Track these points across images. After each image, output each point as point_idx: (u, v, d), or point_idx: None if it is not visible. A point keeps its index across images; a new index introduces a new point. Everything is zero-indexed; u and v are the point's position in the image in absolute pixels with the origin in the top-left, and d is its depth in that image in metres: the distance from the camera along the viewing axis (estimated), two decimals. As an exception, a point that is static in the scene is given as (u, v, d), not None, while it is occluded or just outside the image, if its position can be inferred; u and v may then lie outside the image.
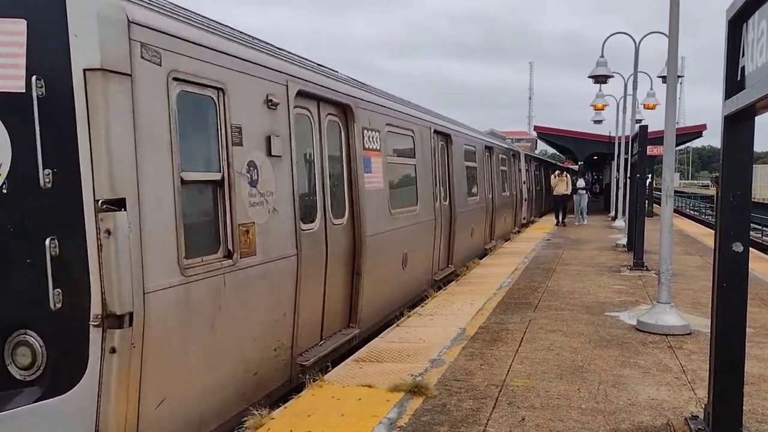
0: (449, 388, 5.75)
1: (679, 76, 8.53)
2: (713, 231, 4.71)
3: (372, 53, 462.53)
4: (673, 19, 8.02)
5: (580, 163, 32.62)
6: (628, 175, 20.24)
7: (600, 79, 20.23)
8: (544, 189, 31.97)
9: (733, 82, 4.07)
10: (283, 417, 5.08)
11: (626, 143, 22.76)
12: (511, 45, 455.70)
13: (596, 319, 8.49)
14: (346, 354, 7.15)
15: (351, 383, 5.88)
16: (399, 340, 7.49)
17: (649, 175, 22.58)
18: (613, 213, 27.58)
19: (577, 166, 29.85)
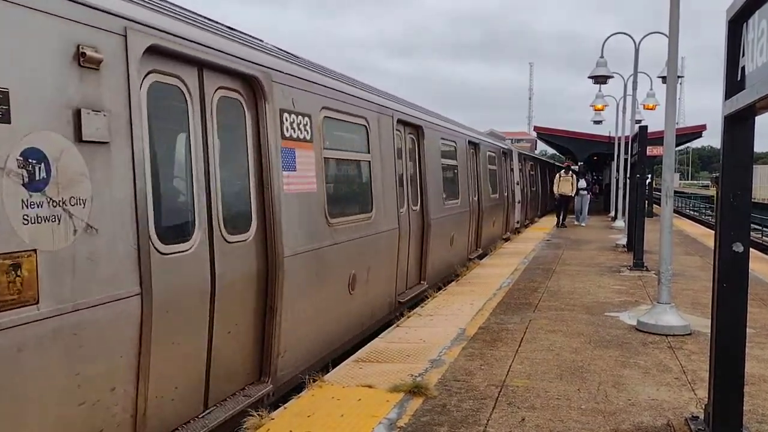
0: (449, 388, 5.75)
1: (678, 77, 8.52)
2: (713, 231, 4.71)
3: (371, 53, 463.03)
4: (673, 20, 8.01)
5: (580, 163, 32.61)
6: (628, 175, 20.23)
7: (600, 79, 20.25)
8: (540, 190, 30.54)
9: (733, 82, 4.06)
10: (283, 417, 5.08)
11: (626, 143, 22.76)
12: (510, 45, 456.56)
13: (596, 320, 8.48)
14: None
15: (351, 383, 5.87)
16: (399, 340, 7.49)
17: (649, 176, 22.60)
18: (612, 213, 27.58)
19: (577, 167, 29.75)
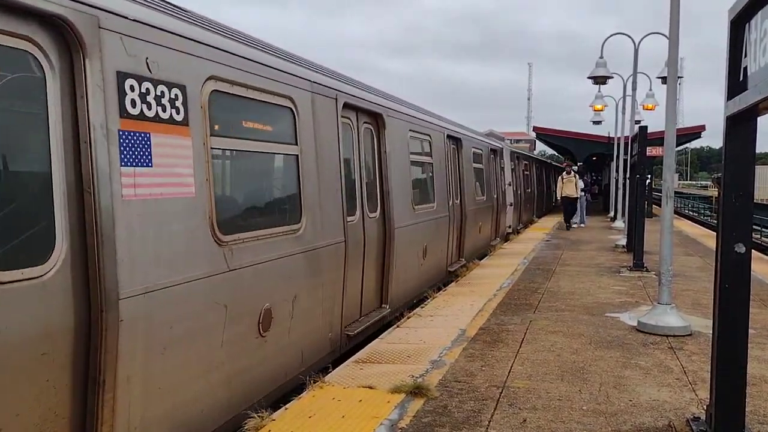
0: (450, 389, 5.74)
1: (678, 77, 8.52)
2: (713, 232, 4.72)
3: (370, 53, 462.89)
4: (674, 21, 8.02)
5: (579, 164, 32.62)
6: (628, 175, 20.23)
7: (599, 80, 20.25)
8: (536, 192, 29.31)
9: (735, 83, 4.06)
10: (284, 418, 5.07)
11: (625, 144, 22.77)
12: (509, 45, 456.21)
13: (597, 320, 8.48)
14: None
15: (352, 384, 5.87)
16: (399, 341, 7.48)
17: (649, 176, 22.61)
18: (612, 214, 27.59)
19: (575, 167, 29.70)
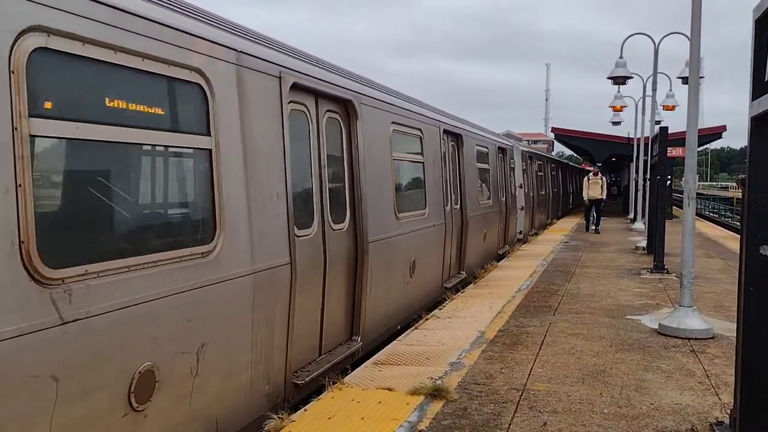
0: (470, 391, 5.72)
1: (699, 77, 8.43)
2: (734, 234, 4.65)
3: (378, 54, 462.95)
4: (695, 21, 7.94)
5: (598, 164, 32.39)
6: (648, 176, 20.05)
7: (619, 80, 20.10)
8: (551, 194, 27.63)
9: (761, 83, 4.01)
10: (303, 419, 5.08)
11: (645, 144, 22.56)
12: (518, 44, 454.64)
13: (617, 323, 8.41)
14: None
15: (371, 386, 5.86)
16: (418, 342, 7.46)
17: (669, 177, 22.35)
18: (631, 215, 27.38)
19: (592, 168, 29.40)
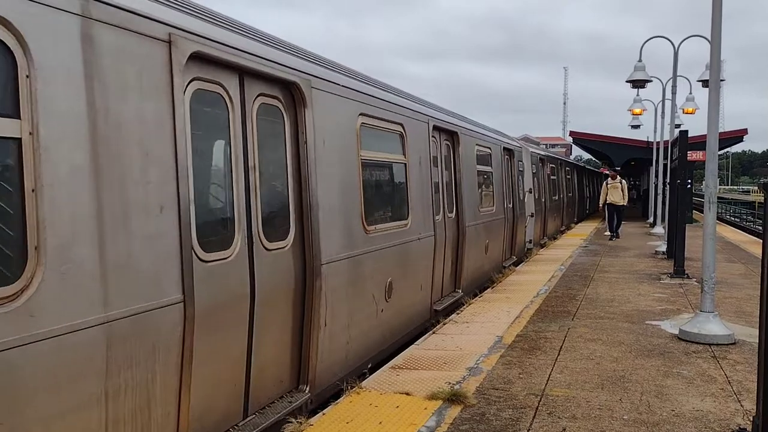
0: (488, 396, 5.70)
1: (720, 80, 8.34)
2: (756, 238, 4.60)
3: (395, 58, 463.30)
4: (716, 23, 7.86)
5: (617, 168, 32.17)
6: (667, 180, 19.88)
7: (638, 83, 20.00)
8: (565, 199, 26.16)
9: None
10: (322, 423, 5.08)
11: (665, 148, 22.38)
12: (535, 47, 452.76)
13: (637, 328, 8.33)
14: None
15: (388, 390, 5.86)
16: (435, 347, 7.45)
17: (689, 181, 22.13)
18: (651, 219, 27.16)
19: (610, 172, 29.09)
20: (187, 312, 4.08)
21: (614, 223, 21.36)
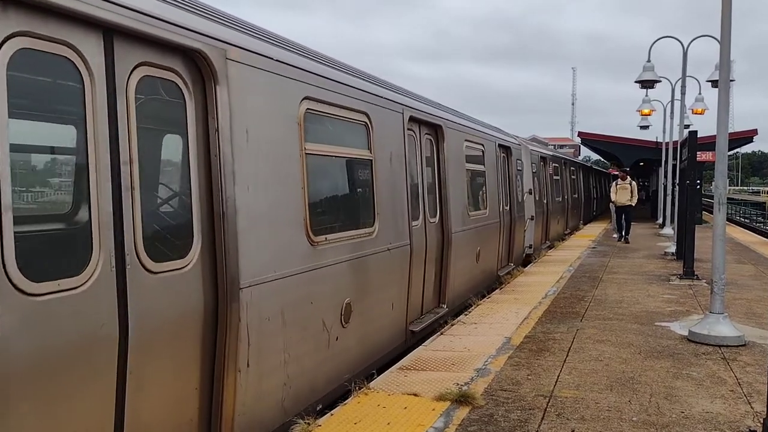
0: (496, 398, 5.69)
1: (729, 80, 8.31)
2: (766, 239, 4.57)
3: (398, 58, 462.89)
4: (725, 24, 7.83)
5: (626, 168, 32.05)
6: (677, 181, 19.79)
7: (647, 84, 19.92)
8: (569, 200, 25.00)
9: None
10: (330, 424, 5.09)
11: (674, 149, 22.29)
12: (545, 48, 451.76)
13: (646, 329, 8.30)
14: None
15: (396, 391, 5.86)
16: (443, 348, 7.44)
17: (699, 182, 22.03)
18: (660, 220, 27.05)
19: (619, 173, 28.83)
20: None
21: (622, 225, 20.70)
